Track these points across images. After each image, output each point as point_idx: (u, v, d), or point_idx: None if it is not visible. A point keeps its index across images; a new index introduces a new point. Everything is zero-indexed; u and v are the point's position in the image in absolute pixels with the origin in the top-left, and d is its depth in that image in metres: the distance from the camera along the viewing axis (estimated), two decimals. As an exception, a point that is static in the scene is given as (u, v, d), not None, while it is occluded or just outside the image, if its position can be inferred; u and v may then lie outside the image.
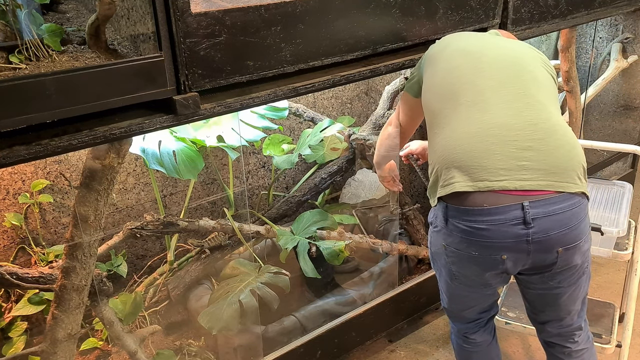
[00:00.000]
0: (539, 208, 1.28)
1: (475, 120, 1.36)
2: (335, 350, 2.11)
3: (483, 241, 1.34)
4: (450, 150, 1.37)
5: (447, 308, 1.65)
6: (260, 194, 2.62)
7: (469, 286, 1.50)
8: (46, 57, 1.24)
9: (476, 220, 1.32)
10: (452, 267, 1.46)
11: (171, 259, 2.20)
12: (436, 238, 1.47)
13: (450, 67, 1.48)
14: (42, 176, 2.01)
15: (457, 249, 1.40)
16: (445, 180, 1.36)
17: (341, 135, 2.44)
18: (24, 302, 1.85)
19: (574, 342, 1.58)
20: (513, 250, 1.34)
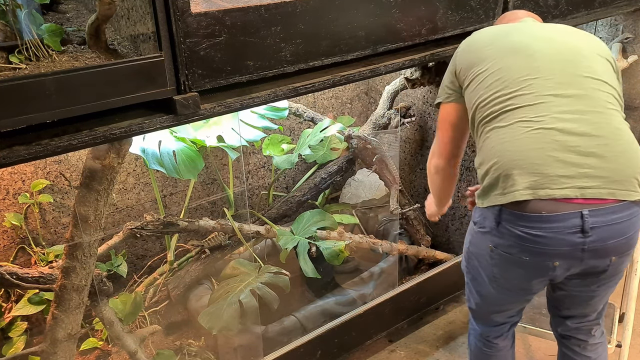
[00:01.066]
0: (598, 217, 1.26)
1: (535, 124, 1.31)
2: (335, 350, 2.11)
3: (538, 248, 1.31)
4: (508, 155, 1.32)
5: (474, 309, 1.61)
6: (260, 194, 2.62)
7: (508, 290, 1.47)
8: (46, 57, 1.24)
9: (533, 226, 1.29)
10: (495, 269, 1.42)
11: (171, 259, 2.20)
12: (481, 239, 1.42)
13: (502, 67, 1.39)
14: (42, 176, 2.01)
15: (506, 252, 1.36)
16: (504, 188, 1.31)
17: (341, 135, 2.44)
18: (24, 302, 1.85)
19: (592, 336, 1.57)
20: (567, 258, 1.31)
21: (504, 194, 1.32)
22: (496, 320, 1.60)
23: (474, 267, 1.51)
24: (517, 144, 1.31)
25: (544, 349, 2.28)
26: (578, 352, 1.59)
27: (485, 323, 1.63)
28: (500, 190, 1.33)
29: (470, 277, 1.56)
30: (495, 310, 1.58)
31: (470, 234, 1.50)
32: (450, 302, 2.48)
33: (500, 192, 1.32)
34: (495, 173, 1.34)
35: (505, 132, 1.34)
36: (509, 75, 1.38)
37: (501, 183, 1.33)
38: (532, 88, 1.34)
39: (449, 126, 1.57)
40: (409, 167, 2.63)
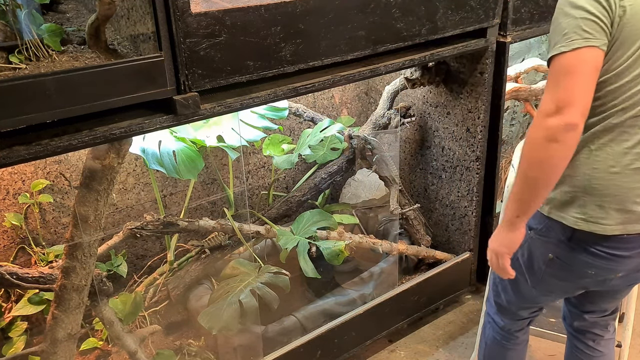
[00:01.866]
0: None
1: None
2: (335, 350, 2.11)
3: (609, 265, 1.28)
4: (613, 188, 1.22)
5: (504, 306, 1.55)
6: (260, 194, 2.62)
7: (551, 292, 1.43)
8: (46, 57, 1.24)
9: (612, 246, 1.25)
10: (547, 276, 1.36)
11: (171, 259, 2.20)
12: (540, 246, 1.34)
13: None
14: (42, 176, 2.01)
15: (569, 264, 1.30)
16: (591, 216, 1.23)
17: (341, 135, 2.44)
18: (24, 302, 1.85)
19: (607, 331, 1.57)
20: (630, 271, 1.31)
21: (588, 221, 1.24)
22: (523, 315, 1.58)
23: (519, 271, 1.41)
24: (627, 179, 1.21)
25: (543, 349, 2.28)
26: (592, 346, 1.58)
27: (512, 317, 1.59)
28: (582, 214, 1.24)
29: (507, 281, 1.48)
30: (527, 307, 1.55)
31: (528, 239, 1.37)
32: (450, 302, 2.48)
33: (583, 218, 1.24)
34: (585, 196, 1.24)
35: (619, 156, 1.20)
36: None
37: (589, 210, 1.24)
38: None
39: (592, 71, 1.11)
40: (409, 167, 2.63)
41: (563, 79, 1.11)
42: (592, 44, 1.10)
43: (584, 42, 1.09)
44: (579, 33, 1.10)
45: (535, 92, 2.92)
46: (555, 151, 1.11)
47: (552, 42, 1.14)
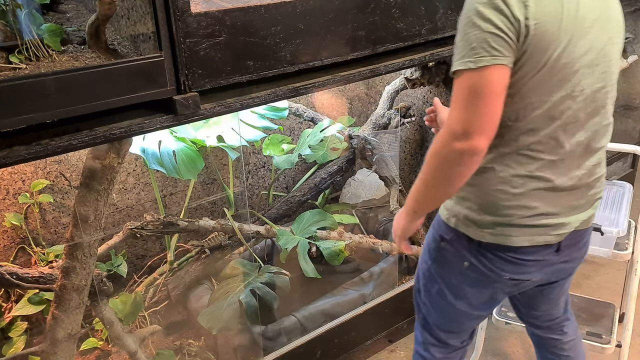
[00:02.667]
0: (570, 235, 1.30)
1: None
2: (335, 350, 2.11)
3: (521, 269, 1.29)
4: (517, 209, 1.23)
5: (433, 334, 1.51)
6: (260, 194, 2.62)
7: (474, 307, 1.40)
8: (46, 57, 1.24)
9: (521, 253, 1.27)
10: (466, 286, 1.36)
11: (171, 259, 2.20)
12: (452, 256, 1.34)
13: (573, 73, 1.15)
14: (42, 176, 2.01)
15: (485, 270, 1.30)
16: (496, 229, 1.25)
17: (341, 135, 2.44)
18: (24, 302, 1.85)
19: (564, 333, 1.60)
20: (541, 273, 1.33)
21: (495, 235, 1.25)
22: (453, 343, 1.53)
23: (434, 282, 1.42)
24: (530, 199, 1.22)
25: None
26: (557, 352, 1.61)
27: (444, 350, 1.54)
28: (488, 228, 1.25)
29: (427, 294, 1.46)
30: (455, 332, 1.51)
31: (434, 251, 1.39)
32: (450, 302, 2.48)
33: (490, 232, 1.25)
34: (490, 214, 1.24)
35: (521, 178, 1.21)
36: (578, 89, 1.18)
37: (495, 225, 1.25)
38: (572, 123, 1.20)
39: (500, 93, 1.10)
40: (409, 167, 2.63)
41: (472, 100, 1.09)
42: (499, 62, 1.08)
43: (491, 59, 1.07)
44: (487, 49, 1.07)
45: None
46: (457, 173, 1.14)
47: (459, 53, 1.11)
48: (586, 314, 2.07)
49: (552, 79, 1.14)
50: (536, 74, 1.12)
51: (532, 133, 1.17)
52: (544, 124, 1.17)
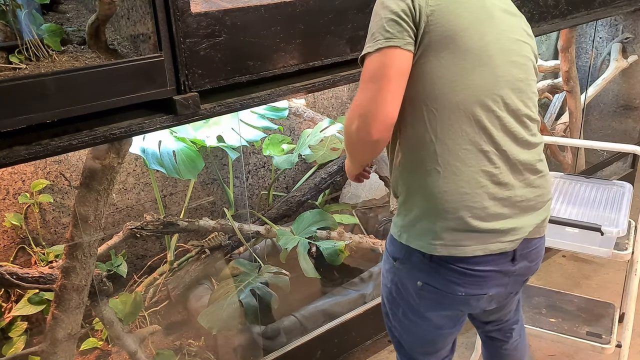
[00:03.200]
0: (523, 243, 1.26)
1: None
2: (335, 350, 2.11)
3: (475, 282, 1.23)
4: (458, 199, 1.18)
5: (415, 357, 1.46)
6: (260, 194, 2.62)
7: (437, 325, 1.36)
8: (46, 57, 1.24)
9: (474, 264, 1.22)
10: (423, 308, 1.32)
11: (171, 259, 2.20)
12: (407, 276, 1.29)
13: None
14: (42, 176, 2.01)
15: (438, 289, 1.25)
16: (447, 239, 1.20)
17: (341, 135, 2.44)
18: (24, 302, 1.85)
19: (511, 336, 1.60)
20: (498, 286, 1.28)
21: (447, 246, 1.19)
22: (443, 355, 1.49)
23: (401, 310, 1.38)
24: (479, 199, 1.18)
25: (544, 349, 2.28)
26: (501, 351, 1.62)
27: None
28: (439, 239, 1.19)
29: (397, 322, 1.41)
30: (431, 352, 1.46)
31: (390, 273, 1.35)
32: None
33: (442, 243, 1.19)
34: (439, 221, 1.19)
35: (467, 177, 1.17)
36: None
37: (446, 234, 1.19)
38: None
39: (397, 76, 1.10)
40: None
41: (370, 85, 1.10)
42: (393, 43, 1.08)
43: (385, 42, 1.09)
44: (382, 33, 1.09)
45: (535, 92, 2.91)
46: (359, 150, 1.21)
47: (365, 44, 1.14)
48: (586, 314, 2.07)
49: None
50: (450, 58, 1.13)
51: (462, 132, 1.16)
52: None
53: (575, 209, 2.03)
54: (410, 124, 1.18)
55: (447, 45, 1.12)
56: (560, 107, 3.28)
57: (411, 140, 1.19)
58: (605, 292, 2.58)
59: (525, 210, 1.24)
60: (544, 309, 2.10)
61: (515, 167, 1.21)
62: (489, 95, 1.15)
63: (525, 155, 1.22)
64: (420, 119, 1.16)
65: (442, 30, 1.11)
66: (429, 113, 1.15)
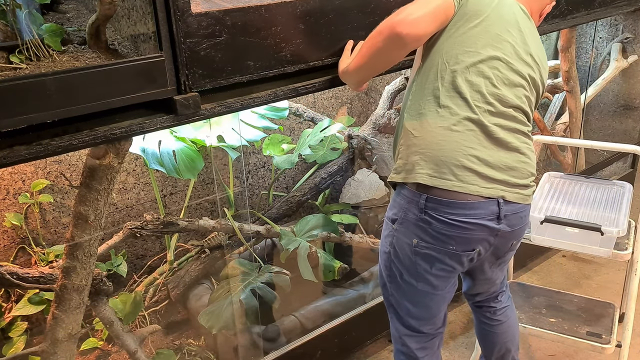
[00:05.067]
0: (509, 206, 1.38)
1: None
2: (335, 350, 2.11)
3: (463, 235, 1.36)
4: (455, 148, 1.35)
5: (410, 324, 1.55)
6: (260, 194, 2.62)
7: (432, 285, 1.46)
8: (46, 57, 1.24)
9: (459, 213, 1.34)
10: (420, 267, 1.43)
11: (171, 259, 2.20)
12: (404, 235, 1.42)
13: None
14: (42, 176, 2.01)
15: (432, 244, 1.39)
16: (435, 172, 1.34)
17: (341, 135, 2.44)
18: (24, 302, 1.85)
19: (499, 302, 1.75)
20: (484, 243, 1.41)
21: (432, 176, 1.34)
22: (426, 330, 1.57)
23: (398, 273, 1.48)
24: (465, 138, 1.34)
25: (544, 349, 2.28)
26: (490, 317, 1.76)
27: (419, 340, 1.58)
28: (427, 169, 1.34)
29: (395, 288, 1.52)
30: (426, 318, 1.55)
31: (389, 237, 1.47)
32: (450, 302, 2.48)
33: (428, 173, 1.34)
34: (429, 152, 1.34)
35: (460, 118, 1.34)
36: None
37: (433, 165, 1.34)
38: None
39: (441, 11, 1.34)
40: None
41: (422, 2, 1.31)
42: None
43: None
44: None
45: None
46: (380, 44, 1.33)
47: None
48: (586, 314, 2.07)
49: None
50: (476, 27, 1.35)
51: (468, 82, 1.36)
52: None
53: (575, 209, 2.03)
54: (424, 73, 1.39)
55: (472, 20, 1.35)
56: (560, 107, 3.28)
57: (422, 87, 1.39)
58: (605, 292, 2.58)
59: (511, 169, 1.37)
60: (544, 309, 2.10)
61: (505, 126, 1.37)
62: (489, 68, 1.35)
63: (511, 137, 1.38)
64: (434, 70, 1.37)
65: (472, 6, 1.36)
66: (442, 65, 1.36)
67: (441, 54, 1.36)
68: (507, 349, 1.79)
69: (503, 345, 1.78)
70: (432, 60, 1.38)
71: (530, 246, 2.01)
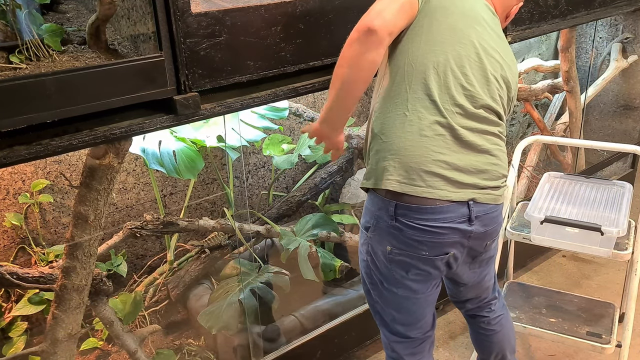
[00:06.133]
0: (479, 207, 1.37)
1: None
2: (335, 350, 2.11)
3: (434, 239, 1.34)
4: (423, 152, 1.33)
5: (396, 330, 1.54)
6: (260, 194, 2.62)
7: (411, 290, 1.44)
8: (46, 57, 1.24)
9: (428, 218, 1.32)
10: (396, 271, 1.41)
11: (171, 259, 2.20)
12: (378, 243, 1.40)
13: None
14: (42, 176, 2.01)
15: (405, 251, 1.37)
16: (413, 179, 1.32)
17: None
18: (24, 302, 1.85)
19: (492, 311, 1.72)
20: (457, 246, 1.39)
21: (401, 182, 1.32)
22: (414, 335, 1.55)
23: (378, 280, 1.46)
24: (434, 143, 1.32)
25: (544, 349, 2.28)
26: (484, 327, 1.73)
27: (408, 346, 1.57)
28: (396, 175, 1.32)
29: (377, 295, 1.50)
30: (412, 323, 1.53)
31: (365, 245, 1.46)
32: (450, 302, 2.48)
33: (397, 179, 1.32)
34: (397, 157, 1.32)
35: (429, 123, 1.32)
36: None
37: (402, 171, 1.32)
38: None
39: (406, 5, 1.31)
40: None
41: (380, 0, 1.27)
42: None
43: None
44: None
45: (535, 92, 2.92)
46: (355, 50, 1.25)
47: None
48: (586, 314, 2.07)
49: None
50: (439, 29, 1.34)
51: (434, 85, 1.34)
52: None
53: (575, 209, 2.03)
54: (392, 76, 1.36)
55: (437, 17, 1.33)
56: (560, 107, 3.28)
57: (389, 90, 1.36)
58: (606, 292, 2.58)
59: (481, 172, 1.36)
60: (544, 309, 2.10)
61: (474, 128, 1.35)
62: (458, 67, 1.33)
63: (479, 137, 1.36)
64: (401, 72, 1.34)
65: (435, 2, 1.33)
66: (408, 66, 1.33)
67: (407, 54, 1.33)
68: (503, 355, 1.78)
69: (499, 351, 1.77)
70: (398, 62, 1.35)
71: (530, 246, 2.01)
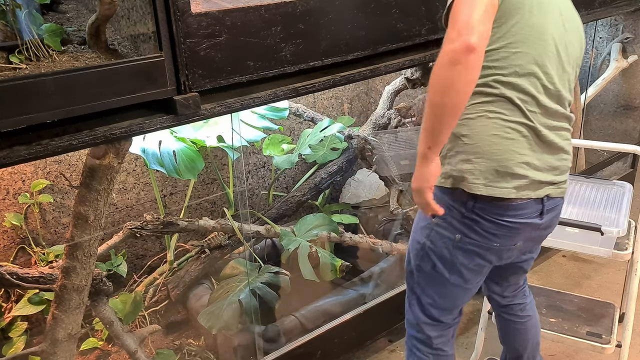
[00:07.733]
0: (550, 200, 1.40)
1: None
2: (335, 350, 2.11)
3: (509, 234, 1.38)
4: (508, 153, 1.33)
5: (431, 313, 1.55)
6: (260, 194, 2.62)
7: (465, 278, 1.47)
8: (46, 57, 1.24)
9: (508, 214, 1.35)
10: (459, 260, 1.43)
11: (171, 259, 2.20)
12: (445, 230, 1.41)
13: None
14: (42, 176, 2.01)
15: (475, 240, 1.39)
16: (490, 180, 1.32)
17: (341, 135, 2.44)
18: (24, 302, 1.85)
19: (527, 297, 1.76)
20: (526, 237, 1.43)
21: (487, 186, 1.32)
22: (446, 320, 1.58)
23: (431, 264, 1.48)
24: (518, 145, 1.32)
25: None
26: (520, 314, 1.74)
27: (437, 328, 1.59)
28: (481, 178, 1.32)
29: (423, 277, 1.52)
30: (448, 308, 1.56)
31: (426, 229, 1.46)
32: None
33: (483, 183, 1.32)
34: (482, 161, 1.32)
35: (513, 124, 1.31)
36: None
37: (487, 174, 1.32)
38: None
39: (489, 4, 1.21)
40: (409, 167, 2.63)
41: (463, 8, 1.17)
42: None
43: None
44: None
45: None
46: (458, 73, 1.15)
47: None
48: (586, 314, 2.07)
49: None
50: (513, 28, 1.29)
51: (515, 85, 1.31)
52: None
53: (576, 209, 2.03)
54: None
55: (515, 15, 1.28)
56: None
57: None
58: (606, 292, 2.58)
59: (555, 169, 1.38)
60: (544, 309, 2.10)
61: (552, 125, 1.36)
62: (540, 66, 1.31)
63: (555, 133, 1.37)
64: (482, 75, 1.27)
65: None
66: (489, 70, 1.29)
67: (488, 57, 1.29)
68: (537, 342, 1.81)
69: (534, 339, 1.79)
70: None
71: (530, 246, 2.01)
